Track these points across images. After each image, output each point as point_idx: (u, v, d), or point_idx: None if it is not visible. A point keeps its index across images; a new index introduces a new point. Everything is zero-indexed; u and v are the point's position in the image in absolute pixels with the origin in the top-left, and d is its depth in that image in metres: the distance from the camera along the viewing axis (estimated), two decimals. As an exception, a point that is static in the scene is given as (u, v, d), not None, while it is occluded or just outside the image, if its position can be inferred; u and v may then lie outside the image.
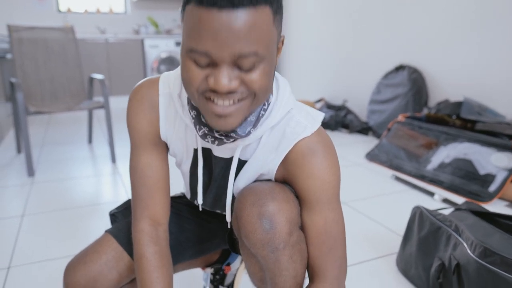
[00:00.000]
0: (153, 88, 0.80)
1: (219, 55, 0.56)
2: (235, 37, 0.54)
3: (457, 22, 2.72)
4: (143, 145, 0.82)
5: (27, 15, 5.25)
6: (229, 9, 0.53)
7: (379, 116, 3.28)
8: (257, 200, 0.72)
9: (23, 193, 2.09)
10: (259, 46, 0.57)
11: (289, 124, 0.75)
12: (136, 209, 0.84)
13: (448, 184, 2.14)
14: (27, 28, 2.93)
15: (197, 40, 0.56)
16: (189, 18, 0.57)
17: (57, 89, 2.98)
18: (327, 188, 0.74)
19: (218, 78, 0.58)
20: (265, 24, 0.57)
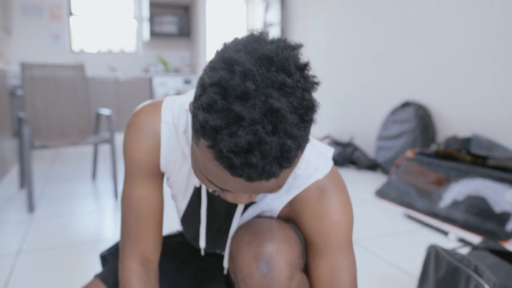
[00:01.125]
0: (155, 114, 0.72)
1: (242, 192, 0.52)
2: (262, 190, 0.51)
3: (463, 58, 2.71)
4: (139, 175, 0.75)
5: (41, 54, 5.40)
6: (259, 181, 0.48)
7: (387, 153, 3.22)
8: (253, 240, 0.65)
9: (22, 229, 2.03)
10: (284, 182, 0.53)
11: (300, 166, 0.68)
12: (125, 245, 0.76)
13: (463, 222, 2.05)
14: (39, 66, 2.98)
15: (218, 183, 0.51)
16: (209, 162, 0.50)
17: (64, 124, 2.99)
18: (337, 230, 0.66)
19: (237, 198, 0.55)
20: (293, 167, 0.52)
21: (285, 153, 0.46)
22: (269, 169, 0.46)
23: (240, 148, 0.44)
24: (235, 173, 0.47)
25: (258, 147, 0.44)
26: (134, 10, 6.01)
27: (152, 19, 5.66)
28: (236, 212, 0.73)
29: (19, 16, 5.34)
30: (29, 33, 5.41)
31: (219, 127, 0.45)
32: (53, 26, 5.53)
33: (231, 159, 0.45)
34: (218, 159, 0.47)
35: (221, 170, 0.48)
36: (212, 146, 0.46)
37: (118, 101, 5.35)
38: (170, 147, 0.73)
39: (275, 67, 0.47)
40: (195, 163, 0.55)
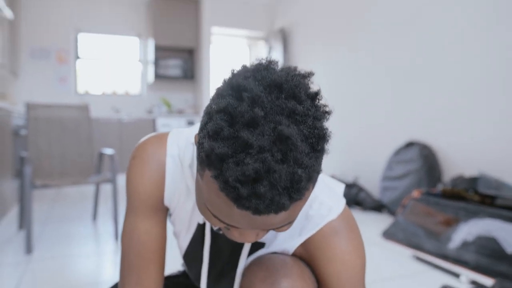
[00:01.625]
0: (161, 146, 0.70)
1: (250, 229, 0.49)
2: (270, 226, 0.48)
3: (467, 96, 2.73)
4: (142, 209, 0.71)
5: (47, 95, 5.48)
6: (267, 215, 0.45)
7: (392, 193, 3.18)
8: (268, 277, 0.61)
9: (18, 271, 1.97)
10: (294, 218, 0.50)
11: (312, 206, 0.66)
12: (125, 283, 0.71)
13: (474, 264, 1.98)
14: (44, 106, 3.01)
15: (223, 218, 0.48)
16: (213, 192, 0.47)
17: (66, 164, 2.98)
18: (352, 274, 0.64)
19: (244, 236, 0.52)
20: (304, 203, 0.49)
21: (295, 184, 0.43)
22: (278, 200, 0.43)
23: (247, 177, 0.42)
24: (242, 205, 0.44)
25: (266, 176, 0.42)
26: (139, 54, 6.17)
27: (157, 62, 5.79)
28: (243, 252, 0.70)
29: (27, 58, 5.47)
30: (35, 75, 5.52)
31: (225, 155, 0.43)
32: (60, 69, 5.65)
33: (238, 189, 0.42)
34: (224, 190, 0.44)
35: (226, 203, 0.46)
36: (217, 176, 0.44)
37: (121, 142, 5.37)
38: (174, 181, 0.70)
39: (285, 94, 0.46)
40: (200, 198, 0.52)
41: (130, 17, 6.00)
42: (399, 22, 3.35)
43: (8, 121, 3.20)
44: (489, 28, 2.56)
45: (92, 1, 5.80)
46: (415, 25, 3.17)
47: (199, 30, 5.87)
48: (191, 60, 6.06)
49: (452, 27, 2.83)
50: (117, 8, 5.92)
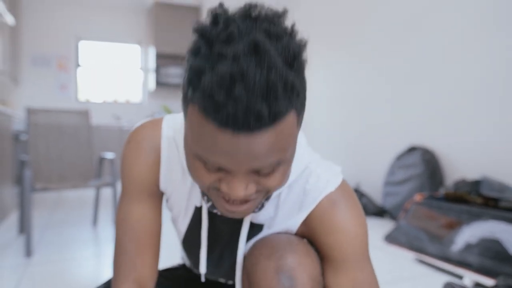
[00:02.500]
0: (156, 129, 0.70)
1: (234, 169, 0.48)
2: (254, 157, 0.47)
3: (468, 100, 2.73)
4: (137, 194, 0.70)
5: (48, 102, 5.50)
6: (247, 132, 0.45)
7: (395, 198, 3.16)
8: (273, 253, 0.60)
9: (17, 274, 1.94)
10: (281, 155, 0.49)
11: (309, 181, 0.65)
12: (119, 270, 0.69)
13: (477, 266, 1.96)
14: (45, 111, 3.01)
15: (209, 154, 0.48)
16: (196, 124, 0.48)
17: (66, 168, 2.97)
18: (354, 243, 0.63)
19: (232, 186, 0.50)
20: (288, 132, 0.48)
21: (271, 90, 0.43)
22: (254, 106, 0.43)
23: (223, 82, 0.43)
24: (221, 117, 0.44)
25: (240, 78, 0.43)
26: (140, 61, 6.19)
27: (158, 70, 5.82)
28: (241, 235, 0.69)
29: (28, 66, 5.49)
30: (36, 83, 5.54)
31: (202, 68, 0.45)
32: (60, 76, 5.67)
33: (214, 96, 0.43)
34: (203, 105, 0.45)
35: (208, 130, 0.46)
36: (196, 92, 0.46)
37: (121, 148, 5.36)
38: (170, 163, 0.70)
39: (260, 20, 0.48)
40: (187, 150, 0.53)
41: (131, 25, 6.04)
42: (400, 25, 3.36)
43: (8, 126, 3.20)
44: (489, 29, 2.57)
45: (93, 9, 5.84)
46: (415, 28, 3.19)
47: (199, 38, 5.91)
48: (192, 67, 6.09)
49: (452, 29, 2.85)
50: (118, 16, 5.96)
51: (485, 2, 2.59)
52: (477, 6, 2.65)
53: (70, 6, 5.70)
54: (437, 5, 2.98)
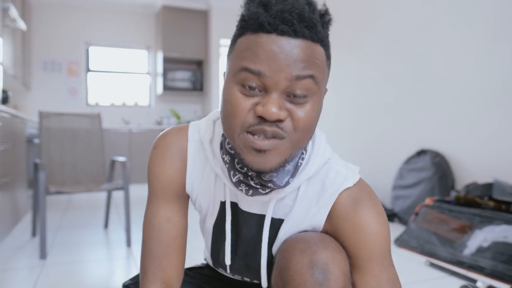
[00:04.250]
0: (182, 134, 0.74)
1: (274, 77, 0.53)
2: (293, 61, 0.53)
3: (478, 102, 2.73)
4: (164, 196, 0.73)
5: (58, 107, 5.55)
6: (289, 35, 0.53)
7: (404, 202, 3.16)
8: (307, 248, 0.62)
9: (33, 276, 1.97)
10: (316, 71, 0.56)
11: (328, 175, 0.68)
12: (147, 270, 0.72)
13: (490, 270, 1.95)
14: (57, 114, 3.05)
15: (253, 60, 0.54)
16: (244, 44, 0.56)
17: (78, 172, 3.00)
18: (379, 242, 0.64)
19: (268, 105, 0.54)
20: (321, 58, 0.57)
21: (310, 4, 0.56)
22: (298, 5, 0.53)
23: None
24: (270, 15, 0.53)
25: None
26: (148, 66, 6.25)
27: (165, 74, 5.86)
28: (264, 231, 0.71)
29: (39, 71, 5.56)
30: (47, 88, 5.60)
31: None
32: (71, 81, 5.73)
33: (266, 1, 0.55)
34: (255, 15, 0.55)
35: (255, 41, 0.55)
36: (250, 7, 0.56)
37: (131, 152, 5.41)
38: (196, 165, 0.73)
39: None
40: (227, 84, 0.59)
41: (139, 30, 6.10)
42: (408, 30, 3.37)
43: (22, 130, 3.25)
44: (498, 32, 2.57)
45: (103, 15, 5.91)
46: (424, 32, 3.20)
47: (207, 42, 5.94)
48: (200, 72, 6.12)
49: (461, 33, 2.85)
50: (126, 22, 6.02)
51: (496, 5, 2.59)
52: (487, 10, 2.65)
53: (80, 12, 5.77)
54: (446, 10, 2.98)
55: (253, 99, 0.56)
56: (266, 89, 0.55)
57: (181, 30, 5.84)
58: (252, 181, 0.64)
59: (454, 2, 2.91)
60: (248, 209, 0.72)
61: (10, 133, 2.76)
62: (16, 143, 2.96)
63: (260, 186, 0.64)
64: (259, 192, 0.65)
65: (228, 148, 0.66)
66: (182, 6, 5.78)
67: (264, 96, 0.55)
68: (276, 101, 0.54)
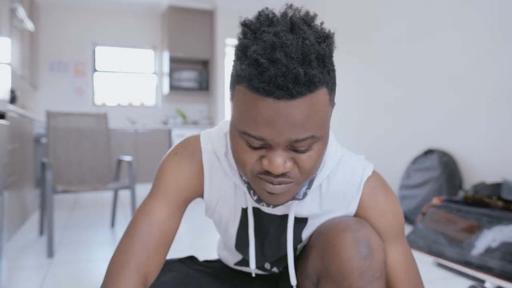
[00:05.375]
0: (196, 146, 0.77)
1: (275, 140, 0.55)
2: (292, 125, 0.53)
3: (486, 101, 2.70)
4: (173, 197, 0.74)
5: (65, 106, 5.59)
6: (286, 99, 0.52)
7: (411, 202, 3.14)
8: (348, 227, 0.68)
9: (40, 274, 1.98)
10: (316, 130, 0.56)
11: (346, 171, 0.74)
12: (128, 257, 0.70)
13: (499, 271, 1.93)
14: (64, 114, 3.07)
15: (252, 126, 0.55)
16: (241, 101, 0.56)
17: (85, 171, 3.02)
18: (399, 221, 0.74)
19: (272, 160, 0.56)
20: (322, 107, 0.56)
21: (306, 58, 0.52)
22: (292, 68, 0.51)
23: (265, 49, 0.52)
24: (264, 80, 0.51)
25: (280, 47, 0.52)
26: (154, 66, 6.26)
27: (171, 74, 5.87)
28: (289, 225, 0.74)
29: (46, 71, 5.60)
30: (54, 88, 5.64)
31: (248, 44, 0.54)
32: (77, 81, 5.77)
33: (258, 60, 0.52)
34: (248, 75, 0.53)
35: (252, 101, 0.53)
36: (242, 62, 0.54)
37: (137, 152, 5.42)
38: (213, 174, 0.75)
39: (296, 13, 0.59)
40: (233, 133, 0.60)
41: (145, 30, 6.12)
42: (414, 29, 3.35)
43: (30, 129, 3.27)
44: (505, 29, 2.55)
45: (109, 15, 5.94)
46: (432, 32, 3.17)
47: (213, 42, 5.95)
48: (206, 71, 6.13)
49: (472, 31, 2.83)
50: (132, 22, 6.04)
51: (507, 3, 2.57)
52: (496, 9, 2.63)
53: (86, 13, 5.81)
54: (455, 10, 2.96)
55: (259, 151, 0.59)
56: (270, 146, 0.57)
57: (187, 30, 5.85)
58: None
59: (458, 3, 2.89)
60: (272, 211, 0.76)
61: (18, 133, 2.78)
62: (23, 143, 2.98)
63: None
64: (280, 205, 0.69)
65: (244, 179, 0.71)
66: (188, 6, 5.79)
67: (268, 150, 0.58)
68: (281, 155, 0.57)
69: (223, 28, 5.77)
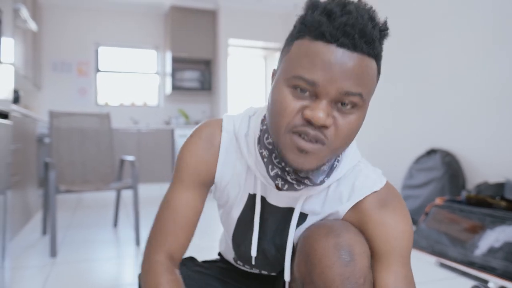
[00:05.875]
0: (217, 127, 0.77)
1: (326, 87, 0.55)
2: (347, 75, 0.55)
3: (489, 101, 2.69)
4: (189, 183, 0.76)
5: (68, 106, 5.59)
6: (348, 49, 0.54)
7: (414, 202, 3.13)
8: (331, 232, 0.65)
9: (43, 273, 1.99)
10: (364, 89, 0.57)
11: (358, 178, 0.72)
12: (154, 241, 0.77)
13: (502, 271, 1.93)
14: (67, 114, 3.08)
15: (308, 69, 0.55)
16: (301, 49, 0.57)
17: (88, 171, 3.02)
18: (400, 240, 0.67)
19: (316, 110, 0.56)
20: (372, 75, 0.58)
21: (372, 19, 0.56)
22: (362, 21, 0.54)
23: (339, 2, 0.56)
24: (334, 26, 0.54)
25: (352, 4, 0.56)
26: (157, 66, 6.27)
27: (174, 74, 5.87)
28: (291, 225, 0.73)
29: (49, 71, 5.61)
30: (57, 88, 5.65)
31: (318, 1, 0.58)
32: (80, 81, 5.78)
33: (331, 10, 0.55)
34: (317, 23, 0.55)
35: (313, 48, 0.55)
36: (309, 17, 0.57)
37: (140, 152, 5.43)
38: (228, 155, 0.76)
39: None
40: (277, 84, 0.61)
41: (148, 30, 6.13)
42: (418, 26, 3.34)
43: (33, 129, 3.28)
44: (509, 31, 2.54)
45: (112, 16, 5.95)
46: (437, 29, 3.17)
47: (216, 42, 5.95)
48: (208, 71, 6.13)
49: (472, 31, 2.82)
50: (135, 22, 6.05)
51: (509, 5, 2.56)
52: (496, 9, 2.62)
53: (89, 13, 5.82)
54: (456, 10, 2.95)
55: (303, 101, 0.58)
56: (316, 95, 0.57)
57: (190, 30, 5.85)
58: (289, 176, 0.66)
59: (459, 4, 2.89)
60: (276, 203, 0.75)
61: (21, 133, 2.79)
62: (27, 143, 2.99)
63: (296, 182, 0.67)
64: (294, 188, 0.68)
65: (267, 143, 0.69)
66: (190, 6, 5.79)
67: (313, 101, 0.57)
68: (325, 108, 0.56)
69: (225, 28, 5.77)
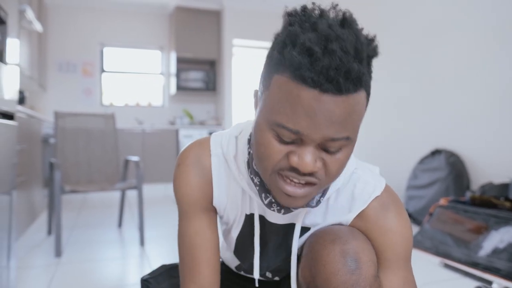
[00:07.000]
0: (204, 149, 0.74)
1: (311, 136, 0.52)
2: (332, 122, 0.51)
3: (493, 101, 2.68)
4: (192, 212, 0.75)
5: (73, 107, 5.62)
6: (333, 93, 0.49)
7: (418, 202, 3.12)
8: (337, 238, 0.65)
9: (48, 273, 2.01)
10: (352, 131, 0.53)
11: (357, 185, 0.70)
12: (183, 280, 0.76)
13: (506, 272, 1.92)
14: (72, 114, 3.10)
15: (290, 118, 0.51)
16: (281, 89, 0.52)
17: (93, 171, 3.04)
18: (405, 244, 0.68)
19: (303, 157, 0.53)
20: (361, 110, 0.54)
21: (359, 54, 0.50)
22: (346, 62, 0.48)
23: (320, 39, 0.49)
24: (314, 69, 0.48)
25: (336, 39, 0.49)
26: (162, 66, 6.29)
27: (179, 75, 5.89)
28: (294, 239, 0.72)
29: (54, 72, 5.65)
30: (62, 88, 5.68)
31: (298, 32, 0.51)
32: (85, 81, 5.81)
33: (312, 49, 0.48)
34: (297, 64, 0.49)
35: (294, 92, 0.50)
36: (288, 54, 0.50)
37: (144, 152, 5.45)
38: (221, 179, 0.74)
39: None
40: (260, 126, 0.56)
41: (152, 31, 6.14)
42: (422, 30, 3.33)
43: (38, 130, 3.30)
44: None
45: (117, 16, 5.97)
46: (441, 30, 3.15)
47: (220, 42, 5.96)
48: (213, 72, 6.14)
49: (478, 31, 2.80)
50: (140, 23, 6.07)
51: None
52: (503, 10, 2.61)
53: (94, 14, 5.85)
54: (462, 10, 2.94)
55: (288, 146, 0.55)
56: (301, 141, 0.54)
57: (194, 30, 5.86)
58: None
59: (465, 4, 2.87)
60: (276, 220, 0.74)
61: (27, 133, 2.81)
62: (32, 143, 3.01)
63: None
64: (291, 211, 0.67)
65: (263, 178, 0.65)
66: (195, 6, 5.81)
67: (299, 146, 0.54)
68: (311, 154, 0.53)
69: (230, 28, 5.78)
